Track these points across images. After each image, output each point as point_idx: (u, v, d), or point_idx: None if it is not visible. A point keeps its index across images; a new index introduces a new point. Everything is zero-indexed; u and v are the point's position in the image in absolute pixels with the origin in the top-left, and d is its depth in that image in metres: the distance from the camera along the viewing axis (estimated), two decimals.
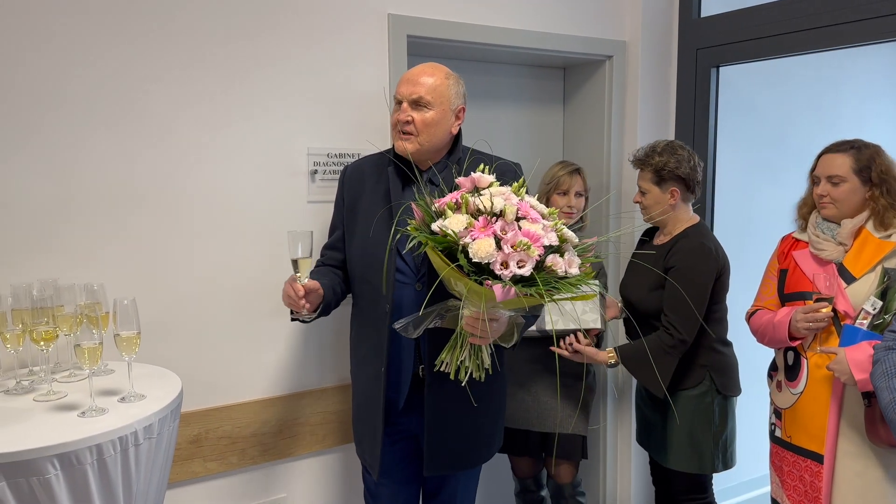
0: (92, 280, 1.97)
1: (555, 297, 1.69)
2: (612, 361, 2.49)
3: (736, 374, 2.55)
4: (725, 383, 2.49)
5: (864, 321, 2.08)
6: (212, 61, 2.20)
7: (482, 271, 1.67)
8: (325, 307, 2.05)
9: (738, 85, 3.29)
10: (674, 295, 2.40)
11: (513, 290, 1.63)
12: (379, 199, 2.06)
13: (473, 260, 1.65)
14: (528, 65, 3.13)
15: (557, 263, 1.69)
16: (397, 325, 1.87)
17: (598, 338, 2.62)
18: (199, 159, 2.21)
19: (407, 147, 2.01)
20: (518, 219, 1.72)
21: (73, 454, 1.49)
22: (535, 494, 2.83)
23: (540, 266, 1.68)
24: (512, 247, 1.65)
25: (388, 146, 2.20)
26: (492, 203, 1.71)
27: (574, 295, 1.72)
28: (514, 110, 3.13)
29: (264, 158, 2.31)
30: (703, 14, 3.02)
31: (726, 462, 2.54)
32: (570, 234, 1.77)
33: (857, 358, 1.99)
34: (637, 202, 2.59)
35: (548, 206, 2.61)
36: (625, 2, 3.02)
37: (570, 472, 2.71)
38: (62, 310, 1.84)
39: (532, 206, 1.77)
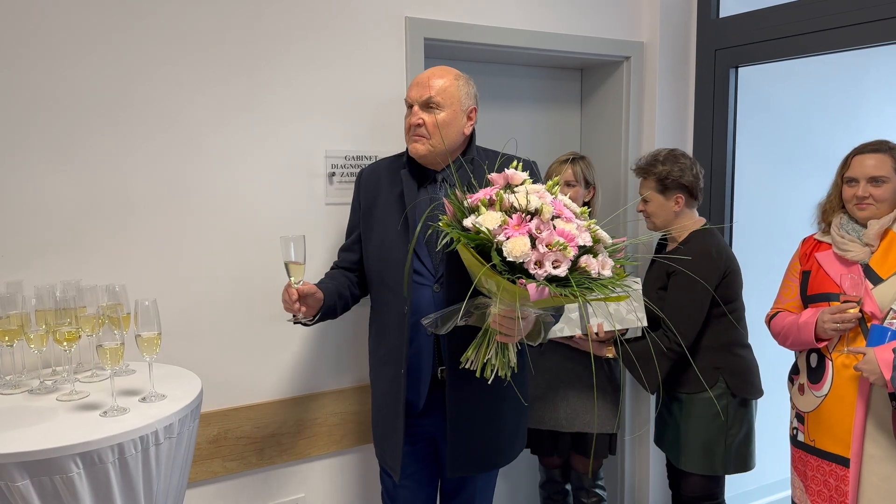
0: (114, 281, 1.99)
1: (588, 298, 1.64)
2: (610, 356, 2.52)
3: (754, 376, 2.54)
4: (740, 386, 2.48)
5: (893, 321, 2.06)
6: (232, 66, 2.22)
7: (515, 270, 1.64)
8: (328, 311, 2.04)
9: (757, 85, 3.27)
10: (672, 300, 2.47)
11: (546, 290, 1.60)
12: (394, 202, 2.06)
13: (507, 259, 1.62)
14: (546, 66, 3.13)
15: (591, 264, 1.65)
16: (425, 321, 1.85)
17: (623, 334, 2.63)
18: (219, 162, 2.23)
19: (419, 149, 2.01)
20: (552, 217, 1.68)
21: (95, 453, 1.51)
22: (560, 486, 2.85)
23: (573, 266, 1.65)
24: (547, 246, 1.62)
25: (405, 148, 2.21)
26: (528, 200, 1.67)
27: (607, 296, 1.67)
28: (532, 112, 3.13)
29: (283, 161, 2.33)
30: (722, 14, 3.00)
31: (741, 464, 2.53)
32: (603, 234, 1.73)
33: (887, 357, 1.97)
34: (641, 211, 2.62)
35: None
36: (642, 3, 3.01)
37: (595, 465, 2.74)
38: (85, 311, 1.87)
39: (566, 206, 1.73)
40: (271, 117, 2.30)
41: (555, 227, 1.66)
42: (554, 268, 1.62)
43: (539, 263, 1.62)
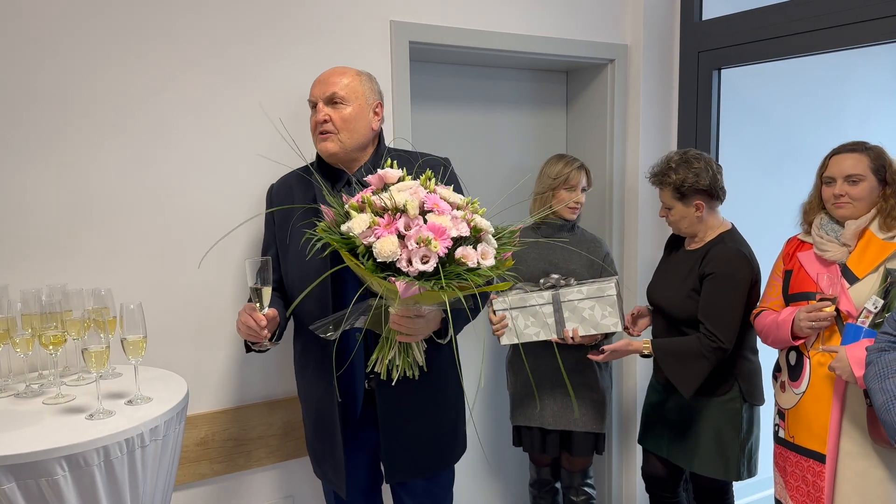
0: (99, 285, 2.01)
1: (460, 292, 1.62)
2: (647, 352, 2.47)
3: (761, 382, 2.53)
4: (751, 392, 2.48)
5: (866, 320, 2.08)
6: (215, 70, 2.23)
7: (389, 269, 1.64)
8: (279, 333, 2.01)
9: (740, 87, 3.30)
10: (713, 301, 2.39)
11: (416, 285, 1.59)
12: (309, 211, 2.00)
13: (378, 259, 1.61)
14: (531, 69, 3.15)
15: (469, 255, 1.64)
16: (314, 326, 1.82)
17: (605, 337, 2.63)
18: (205, 166, 2.25)
19: (329, 147, 1.97)
20: (425, 212, 1.67)
21: (80, 456, 1.52)
22: (550, 484, 2.86)
23: (451, 259, 1.64)
24: (416, 242, 1.60)
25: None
26: (393, 199, 1.66)
27: (481, 286, 1.65)
28: (517, 114, 3.16)
29: (270, 166, 2.34)
30: (705, 17, 3.03)
31: (751, 470, 2.53)
32: (484, 223, 1.71)
33: (858, 355, 1.99)
34: (663, 217, 2.56)
35: (553, 202, 2.63)
36: (626, 5, 3.04)
37: (583, 463, 2.75)
38: (70, 314, 1.87)
39: (443, 198, 1.71)
40: (255, 121, 2.31)
41: (426, 222, 1.64)
42: (423, 263, 1.60)
43: (410, 261, 1.61)
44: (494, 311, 2.51)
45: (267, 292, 1.85)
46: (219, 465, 2.33)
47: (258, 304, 1.84)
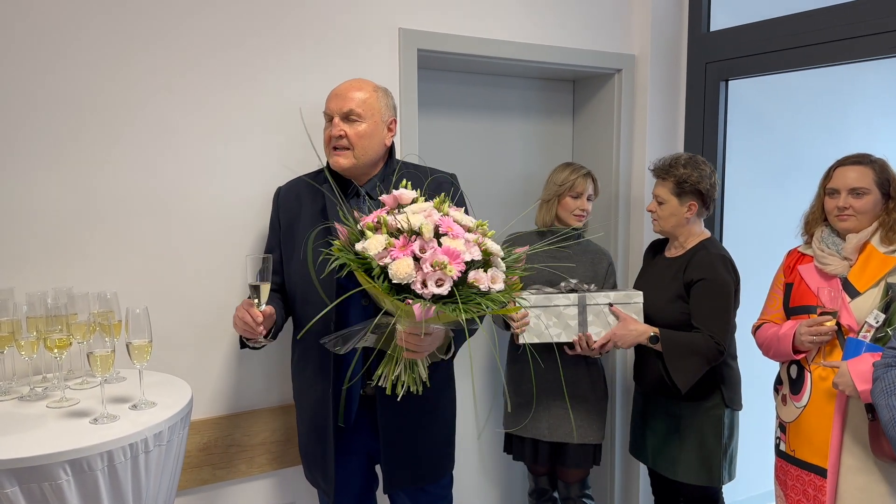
0: (105, 288, 2.00)
1: (475, 313, 1.65)
2: (653, 333, 2.44)
3: (740, 388, 2.55)
4: (732, 397, 2.50)
5: (868, 334, 2.08)
6: (227, 77, 2.24)
7: (403, 290, 1.66)
8: (276, 331, 2.02)
9: (744, 97, 3.30)
10: (707, 306, 2.41)
11: (432, 309, 1.62)
12: (316, 217, 2.03)
13: (393, 281, 1.63)
14: (538, 78, 3.15)
15: (480, 279, 1.67)
16: (324, 340, 1.84)
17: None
18: (211, 171, 2.25)
19: (342, 162, 2.00)
20: (439, 235, 1.69)
21: (84, 460, 1.52)
22: (549, 494, 2.85)
23: (463, 281, 1.66)
24: (431, 265, 1.63)
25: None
26: (409, 222, 1.68)
27: (495, 309, 1.68)
28: (524, 123, 3.16)
29: (275, 171, 2.34)
30: (713, 28, 3.04)
31: (731, 474, 2.55)
32: (494, 247, 1.74)
33: (860, 369, 1.99)
34: (651, 211, 2.57)
35: (559, 209, 2.63)
36: (634, 16, 3.04)
37: (579, 475, 2.73)
38: (76, 318, 1.87)
39: (456, 221, 1.73)
40: (264, 127, 2.31)
41: (440, 245, 1.66)
42: (438, 286, 1.62)
43: (424, 283, 1.63)
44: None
45: (265, 289, 1.87)
46: (221, 470, 2.33)
47: (256, 301, 1.86)
